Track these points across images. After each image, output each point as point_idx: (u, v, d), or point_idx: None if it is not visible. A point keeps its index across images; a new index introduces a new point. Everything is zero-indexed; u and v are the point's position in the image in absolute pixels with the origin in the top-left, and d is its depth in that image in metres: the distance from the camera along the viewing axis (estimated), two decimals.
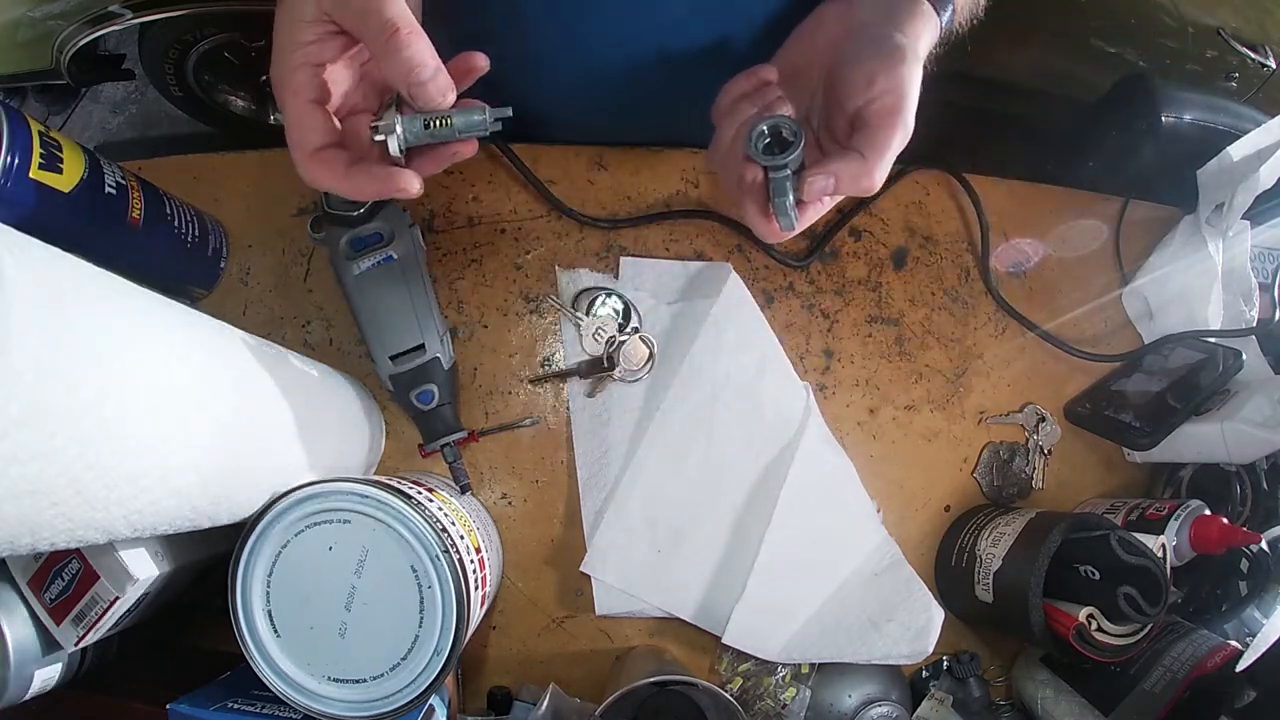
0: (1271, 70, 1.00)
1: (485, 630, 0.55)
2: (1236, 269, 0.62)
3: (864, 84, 0.40)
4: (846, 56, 0.42)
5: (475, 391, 0.56)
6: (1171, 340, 0.62)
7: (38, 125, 0.37)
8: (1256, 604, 0.56)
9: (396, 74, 0.34)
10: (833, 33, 0.44)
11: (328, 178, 0.37)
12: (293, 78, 0.36)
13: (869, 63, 0.40)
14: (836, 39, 0.43)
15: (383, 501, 0.38)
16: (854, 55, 0.41)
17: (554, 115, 0.58)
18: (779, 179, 0.39)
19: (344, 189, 0.37)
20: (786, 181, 0.39)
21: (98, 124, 1.54)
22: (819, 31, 0.44)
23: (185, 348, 0.31)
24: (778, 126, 0.39)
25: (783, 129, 0.39)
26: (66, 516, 0.25)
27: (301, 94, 0.36)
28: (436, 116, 0.36)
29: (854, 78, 0.41)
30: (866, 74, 0.40)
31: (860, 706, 0.54)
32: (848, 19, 0.43)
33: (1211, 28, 0.98)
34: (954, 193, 0.64)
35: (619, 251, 0.58)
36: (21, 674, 0.37)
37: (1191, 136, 0.74)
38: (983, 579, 0.54)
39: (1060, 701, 0.54)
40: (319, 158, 0.37)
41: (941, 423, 0.61)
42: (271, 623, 0.37)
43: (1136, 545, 0.48)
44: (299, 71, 0.36)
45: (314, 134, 0.36)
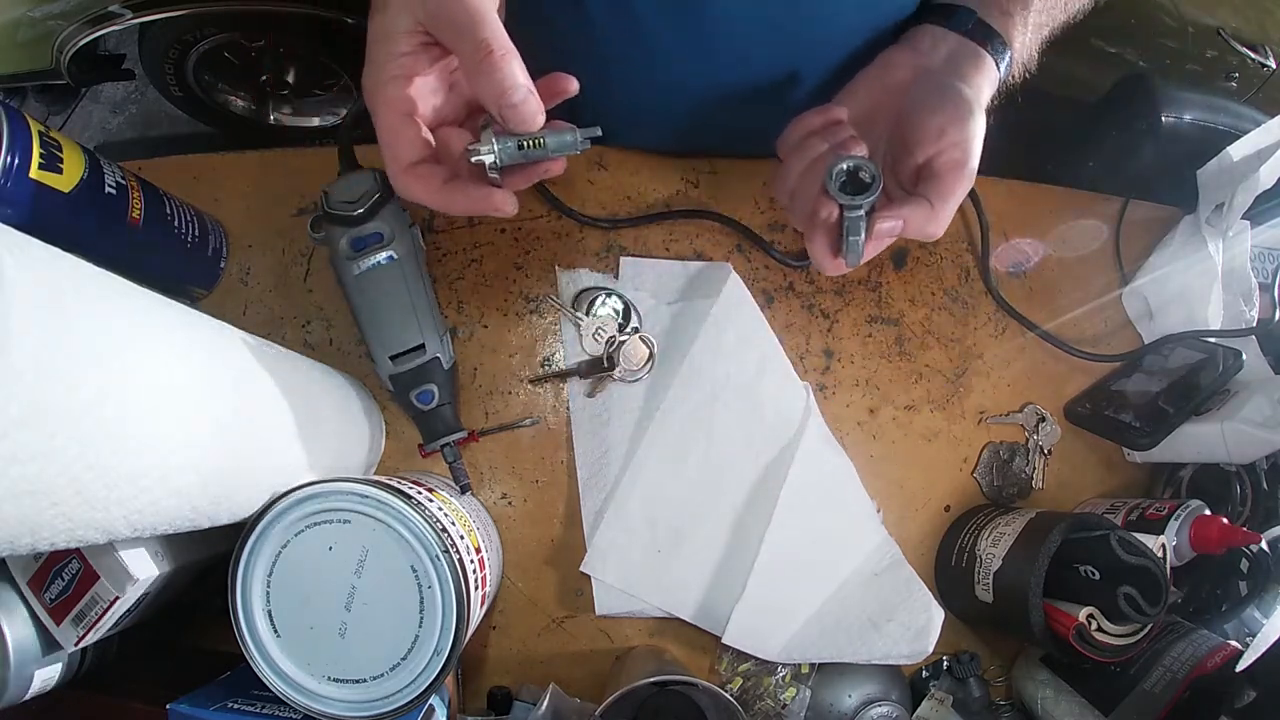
0: (1271, 70, 1.00)
1: (485, 630, 0.55)
2: (1236, 269, 0.62)
3: (934, 135, 0.42)
4: (916, 105, 0.44)
5: (475, 391, 0.56)
6: (1171, 340, 0.62)
7: (38, 125, 0.37)
8: (1256, 604, 0.57)
9: (489, 94, 0.34)
10: (901, 79, 0.46)
11: (424, 193, 0.37)
12: (386, 90, 0.36)
13: (939, 114, 0.43)
14: (905, 85, 0.46)
15: (383, 501, 0.38)
16: (924, 105, 0.44)
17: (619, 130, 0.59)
18: (854, 218, 0.41)
19: (439, 206, 0.38)
20: (861, 221, 0.41)
21: (98, 124, 1.54)
22: (887, 76, 0.46)
23: (185, 348, 0.31)
24: (858, 168, 0.41)
25: (861, 171, 0.41)
26: (66, 516, 0.25)
27: (396, 107, 0.36)
28: (530, 138, 0.37)
29: (924, 127, 0.43)
30: (937, 125, 0.42)
31: (860, 706, 0.54)
32: (916, 66, 0.46)
33: (1211, 28, 0.98)
34: None
35: (619, 251, 0.58)
36: (21, 674, 0.37)
37: (1191, 136, 0.74)
38: (983, 579, 0.54)
39: (1060, 701, 0.54)
40: (414, 172, 0.37)
41: (941, 423, 0.61)
42: (271, 623, 0.37)
43: (1136, 545, 0.48)
44: (393, 84, 0.36)
45: (409, 149, 0.37)
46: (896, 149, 0.45)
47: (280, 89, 1.27)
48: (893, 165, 0.46)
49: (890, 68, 0.47)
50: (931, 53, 0.46)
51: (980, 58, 0.45)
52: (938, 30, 0.46)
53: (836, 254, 0.43)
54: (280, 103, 1.33)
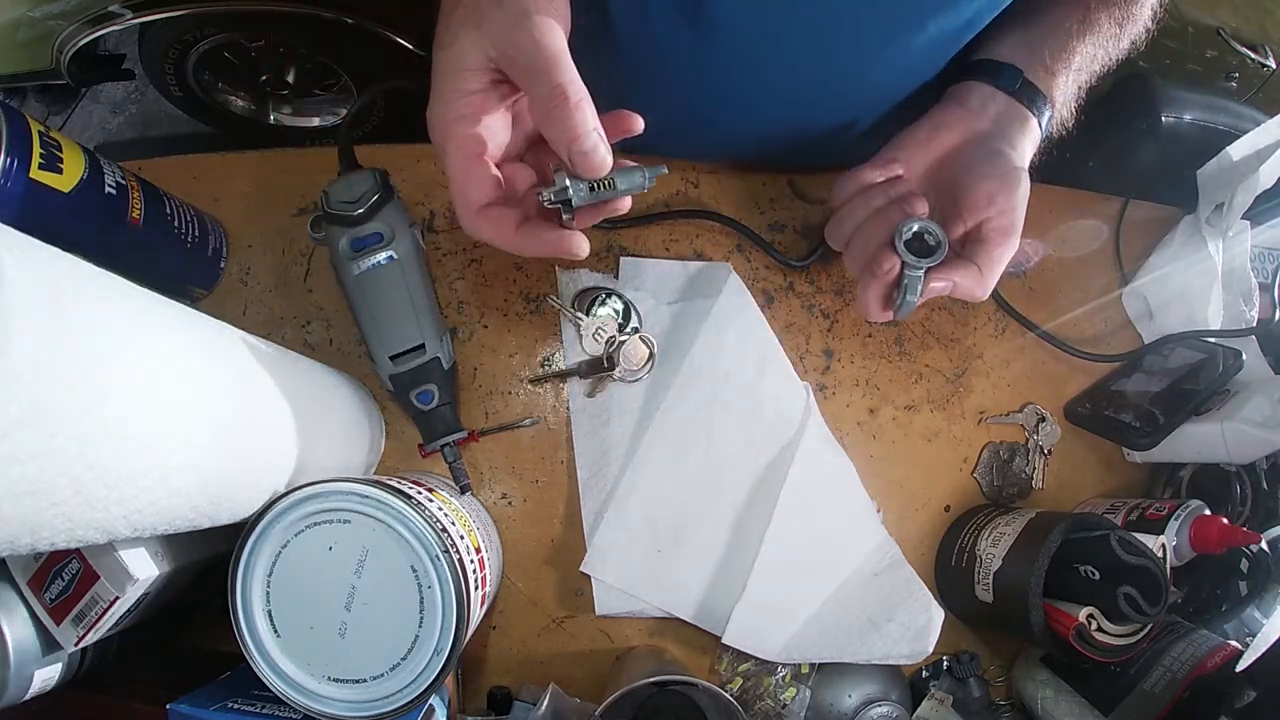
0: (1271, 70, 1.00)
1: (485, 630, 0.55)
2: (1236, 269, 0.62)
3: (985, 202, 0.44)
4: (968, 170, 0.46)
5: (475, 391, 0.56)
6: (1171, 340, 0.62)
7: (38, 125, 0.37)
8: (1256, 604, 0.57)
9: (560, 139, 0.34)
10: (952, 141, 0.48)
11: (496, 236, 0.37)
12: (457, 130, 0.36)
13: (989, 181, 0.44)
14: (955, 147, 0.48)
15: (383, 501, 0.38)
16: (976, 171, 0.45)
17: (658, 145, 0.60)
18: (914, 278, 0.43)
19: (512, 249, 0.38)
20: (919, 282, 0.43)
21: (98, 124, 1.54)
22: (938, 136, 0.48)
23: (185, 348, 0.31)
24: (925, 230, 0.44)
25: (928, 234, 0.44)
26: (66, 516, 0.25)
27: (466, 148, 0.36)
28: (601, 180, 0.37)
29: (975, 193, 0.45)
30: (987, 192, 0.44)
31: (860, 706, 0.54)
32: (966, 127, 0.47)
33: (1211, 28, 0.98)
34: None
35: (619, 251, 0.58)
36: (21, 674, 0.37)
37: (1191, 136, 0.74)
38: (983, 579, 0.54)
39: (1060, 701, 0.54)
40: (486, 214, 0.37)
41: (941, 423, 0.61)
42: (271, 623, 0.37)
43: (1136, 545, 0.48)
44: (463, 123, 0.35)
45: (481, 190, 0.36)
46: (945, 208, 0.47)
47: (280, 89, 1.27)
48: (939, 222, 0.47)
49: (941, 128, 0.48)
50: (980, 113, 0.47)
51: (1026, 120, 0.47)
52: (986, 89, 0.48)
53: (887, 306, 0.45)
54: (280, 103, 1.33)
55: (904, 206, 0.46)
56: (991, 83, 0.48)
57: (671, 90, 0.52)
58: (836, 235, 0.48)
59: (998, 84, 0.47)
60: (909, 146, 0.49)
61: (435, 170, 0.57)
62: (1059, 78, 0.48)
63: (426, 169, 0.57)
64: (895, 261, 0.44)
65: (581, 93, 0.33)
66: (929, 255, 0.43)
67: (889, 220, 0.45)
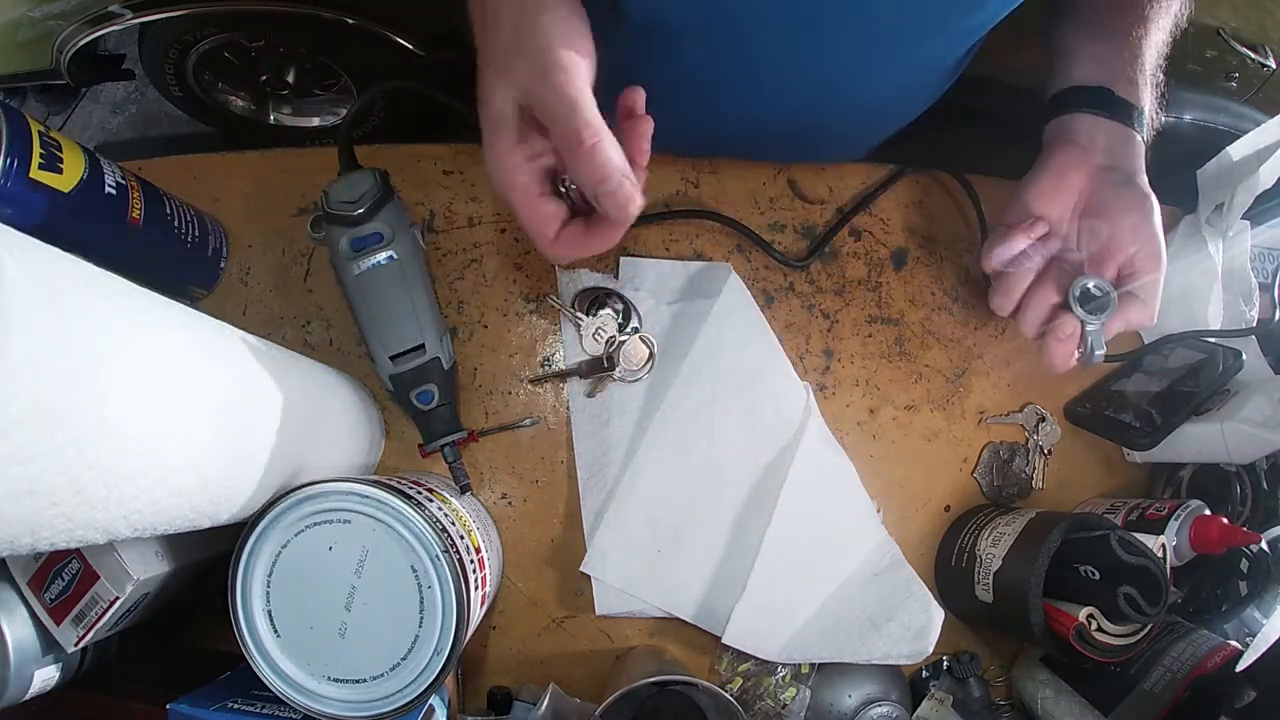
0: (1271, 70, 1.00)
1: (485, 630, 0.55)
2: (1236, 269, 0.62)
3: (1130, 236, 0.48)
4: (1106, 208, 0.49)
5: (475, 391, 0.56)
6: (1171, 340, 0.62)
7: (38, 125, 0.37)
8: (1256, 604, 0.56)
9: (584, 179, 0.36)
10: (1079, 182, 0.50)
11: (574, 252, 0.40)
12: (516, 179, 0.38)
13: (1129, 215, 0.48)
14: (1085, 190, 0.50)
15: (383, 501, 0.38)
16: (1112, 207, 0.48)
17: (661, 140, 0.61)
18: (1094, 332, 0.48)
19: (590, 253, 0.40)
20: (1101, 333, 0.48)
21: (98, 124, 1.54)
22: (1065, 182, 0.50)
23: (185, 348, 0.31)
24: (1094, 286, 0.48)
25: (1095, 288, 0.48)
26: (66, 516, 0.25)
27: (529, 192, 0.39)
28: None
29: (1120, 230, 0.48)
30: (1131, 226, 0.48)
31: (860, 706, 0.54)
32: (1088, 166, 0.49)
33: (1211, 28, 0.98)
34: (954, 193, 0.63)
35: (619, 251, 0.58)
36: (21, 674, 0.37)
37: (1191, 136, 0.74)
38: (983, 579, 0.54)
39: (1060, 701, 0.54)
40: (560, 239, 0.40)
41: (941, 423, 0.61)
42: (271, 623, 0.37)
43: (1136, 545, 0.48)
44: (520, 171, 0.38)
45: (551, 225, 0.39)
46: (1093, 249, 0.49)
47: (280, 89, 1.27)
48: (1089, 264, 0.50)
49: (1066, 173, 0.50)
50: (1092, 146, 0.49)
51: (1132, 138, 0.49)
52: (1088, 119, 0.50)
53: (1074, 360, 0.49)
54: (280, 103, 1.33)
55: (1062, 264, 0.49)
56: (1091, 111, 0.50)
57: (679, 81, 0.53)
58: (1004, 304, 0.51)
59: (1097, 112, 0.49)
60: (1043, 199, 0.50)
61: (435, 170, 0.57)
62: (1140, 85, 0.50)
63: (426, 169, 0.57)
64: (1075, 323, 0.47)
65: (601, 132, 0.35)
66: (1102, 309, 0.48)
67: (1056, 283, 0.49)
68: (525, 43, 0.36)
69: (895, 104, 0.58)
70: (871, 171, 0.63)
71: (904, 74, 0.53)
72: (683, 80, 0.52)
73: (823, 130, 0.58)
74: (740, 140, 0.59)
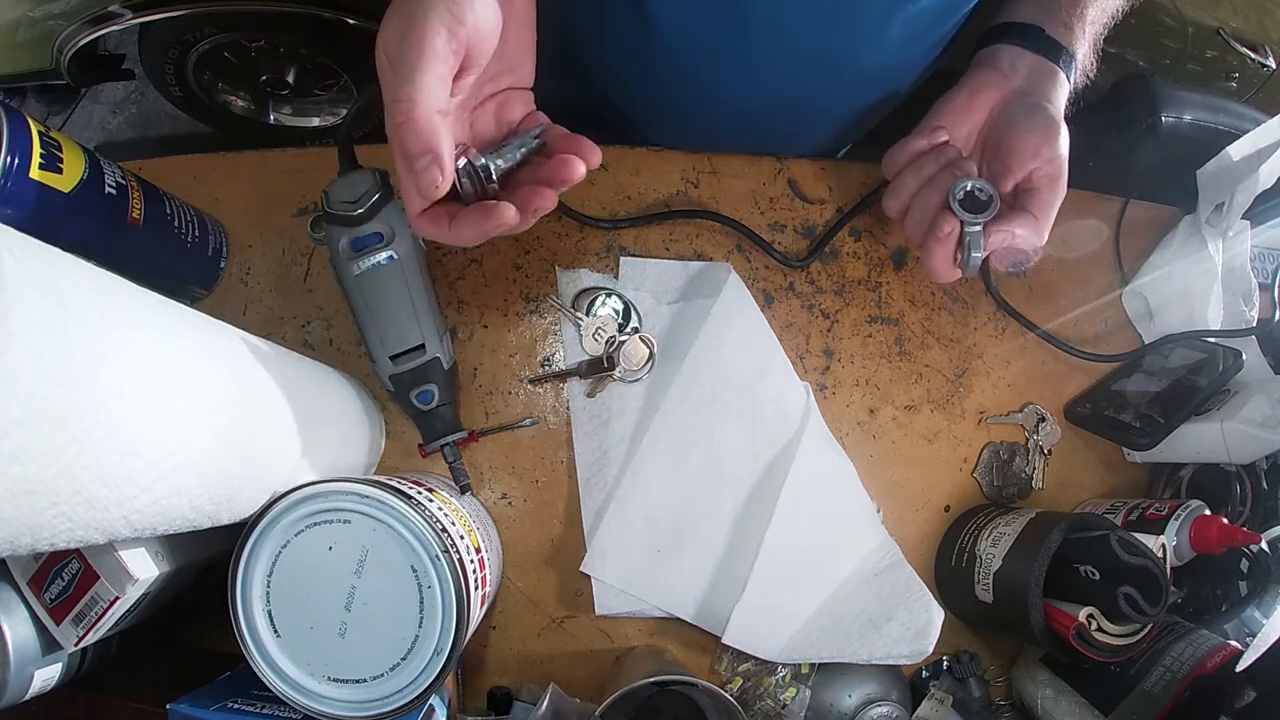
0: (1271, 70, 1.00)
1: (485, 630, 0.55)
2: (1236, 269, 0.62)
3: (1030, 153, 0.47)
4: (1011, 126, 0.49)
5: (475, 391, 0.56)
6: (1171, 340, 0.62)
7: (38, 125, 0.37)
8: (1256, 604, 0.56)
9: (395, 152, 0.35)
10: (990, 101, 0.51)
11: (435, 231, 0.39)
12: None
13: (1034, 134, 0.47)
14: (994, 106, 0.51)
15: (383, 501, 0.38)
16: (1018, 125, 0.48)
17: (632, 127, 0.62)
18: (974, 234, 0.46)
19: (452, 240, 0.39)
20: (980, 237, 0.46)
21: (98, 124, 1.54)
22: (977, 99, 0.51)
23: (185, 348, 0.31)
24: (976, 188, 0.47)
25: (979, 190, 0.47)
26: (66, 516, 0.25)
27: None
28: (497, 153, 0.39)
29: (1021, 147, 0.47)
30: (1033, 144, 0.47)
31: (860, 706, 0.54)
32: (1002, 87, 0.50)
33: (1211, 28, 0.98)
34: None
35: (619, 251, 0.58)
36: (21, 674, 0.37)
37: (1191, 136, 0.74)
38: (983, 579, 0.54)
39: (1060, 701, 0.54)
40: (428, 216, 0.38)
41: (941, 423, 0.61)
42: (271, 623, 0.37)
43: (1136, 545, 0.48)
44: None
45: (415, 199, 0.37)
46: (993, 165, 0.50)
47: (280, 89, 1.27)
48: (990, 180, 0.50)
49: (979, 91, 0.51)
50: (1012, 73, 0.50)
51: (1055, 74, 0.50)
52: (1014, 50, 0.51)
53: (954, 266, 0.48)
54: (280, 103, 1.33)
55: (953, 170, 0.48)
56: (1018, 44, 0.50)
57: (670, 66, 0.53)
58: (893, 205, 0.51)
59: (1024, 44, 0.50)
60: (951, 113, 0.51)
61: None
62: (1076, 31, 0.51)
63: None
64: (954, 222, 0.46)
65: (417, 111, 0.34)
66: (983, 210, 0.46)
67: (942, 185, 0.48)
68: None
69: (886, 75, 0.59)
70: (871, 171, 0.63)
71: (892, 49, 0.54)
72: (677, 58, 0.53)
73: (816, 108, 0.58)
74: (735, 120, 0.60)
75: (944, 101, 0.52)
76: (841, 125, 0.66)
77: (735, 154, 0.61)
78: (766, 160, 0.61)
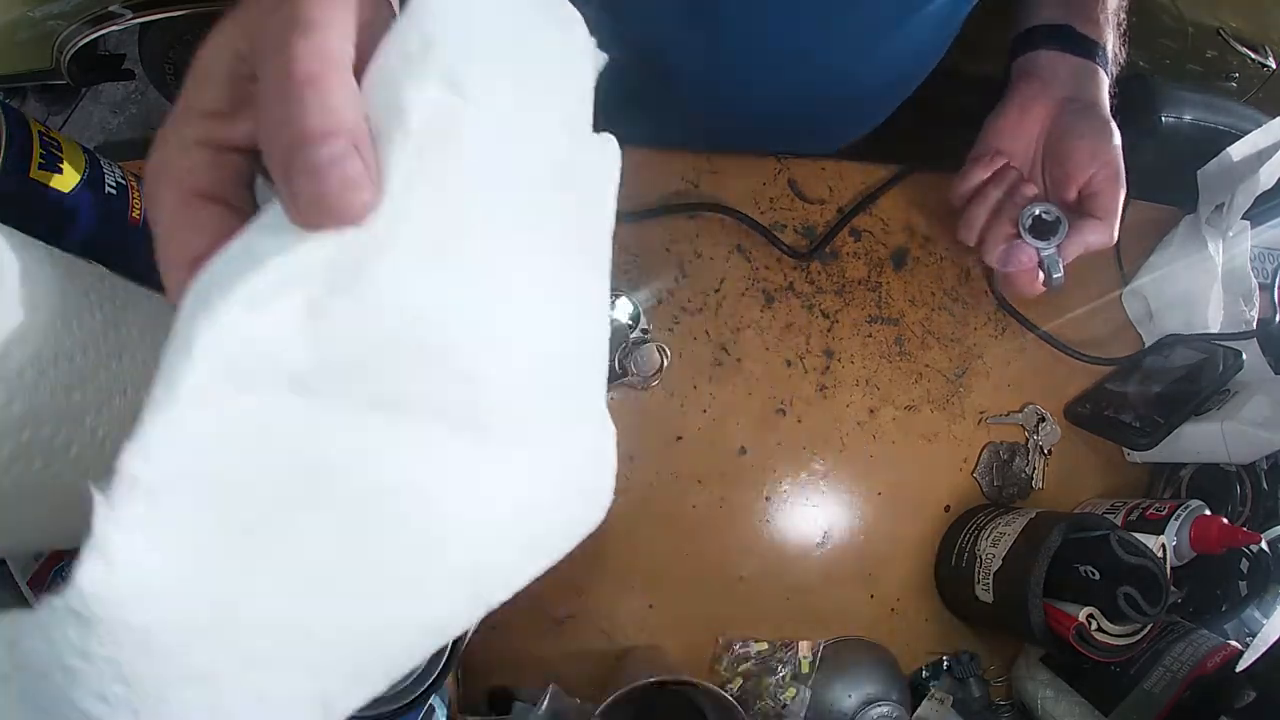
0: (1271, 70, 1.00)
1: (485, 630, 0.55)
2: (1236, 269, 0.62)
3: (1088, 158, 0.49)
4: (1066, 134, 0.50)
5: None
6: (1172, 341, 0.62)
7: (38, 125, 0.37)
8: (1256, 604, 0.57)
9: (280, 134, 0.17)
10: (1042, 114, 0.52)
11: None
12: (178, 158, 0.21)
13: (1087, 139, 0.49)
14: (1045, 118, 0.52)
15: None
16: (1072, 133, 0.50)
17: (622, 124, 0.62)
18: (1051, 256, 0.49)
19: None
20: (1057, 257, 0.49)
21: (98, 124, 1.53)
22: (1028, 115, 0.52)
23: None
24: (1041, 212, 0.50)
25: (1046, 214, 0.50)
26: None
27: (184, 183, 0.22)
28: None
29: (1078, 154, 0.49)
30: (1089, 149, 0.49)
31: (860, 706, 0.54)
32: (1050, 98, 0.51)
33: (1211, 28, 0.98)
34: None
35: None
36: None
37: (1191, 136, 0.74)
38: (983, 579, 0.54)
39: (1060, 701, 0.54)
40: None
41: (941, 423, 0.61)
42: None
43: (1136, 545, 0.48)
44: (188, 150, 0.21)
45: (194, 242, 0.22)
46: (1054, 175, 0.52)
47: None
48: (1053, 190, 0.52)
49: (1028, 107, 0.52)
50: (1055, 80, 0.51)
51: (1095, 72, 0.51)
52: (1051, 55, 0.52)
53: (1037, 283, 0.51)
54: None
55: (1016, 196, 0.51)
56: (1055, 48, 0.51)
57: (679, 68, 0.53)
58: (969, 236, 0.53)
59: (1060, 48, 0.51)
60: (1005, 133, 0.53)
61: None
62: (1101, 22, 0.52)
63: None
64: (1031, 252, 0.49)
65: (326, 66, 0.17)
66: (1054, 233, 0.49)
67: (1010, 214, 0.50)
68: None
69: (893, 84, 0.60)
70: (871, 171, 0.63)
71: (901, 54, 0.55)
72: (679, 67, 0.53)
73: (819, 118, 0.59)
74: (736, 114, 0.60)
75: (995, 120, 0.53)
76: (843, 125, 0.66)
77: (735, 153, 0.61)
78: (766, 160, 0.61)
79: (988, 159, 0.52)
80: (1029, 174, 0.53)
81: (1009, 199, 0.51)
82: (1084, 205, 0.50)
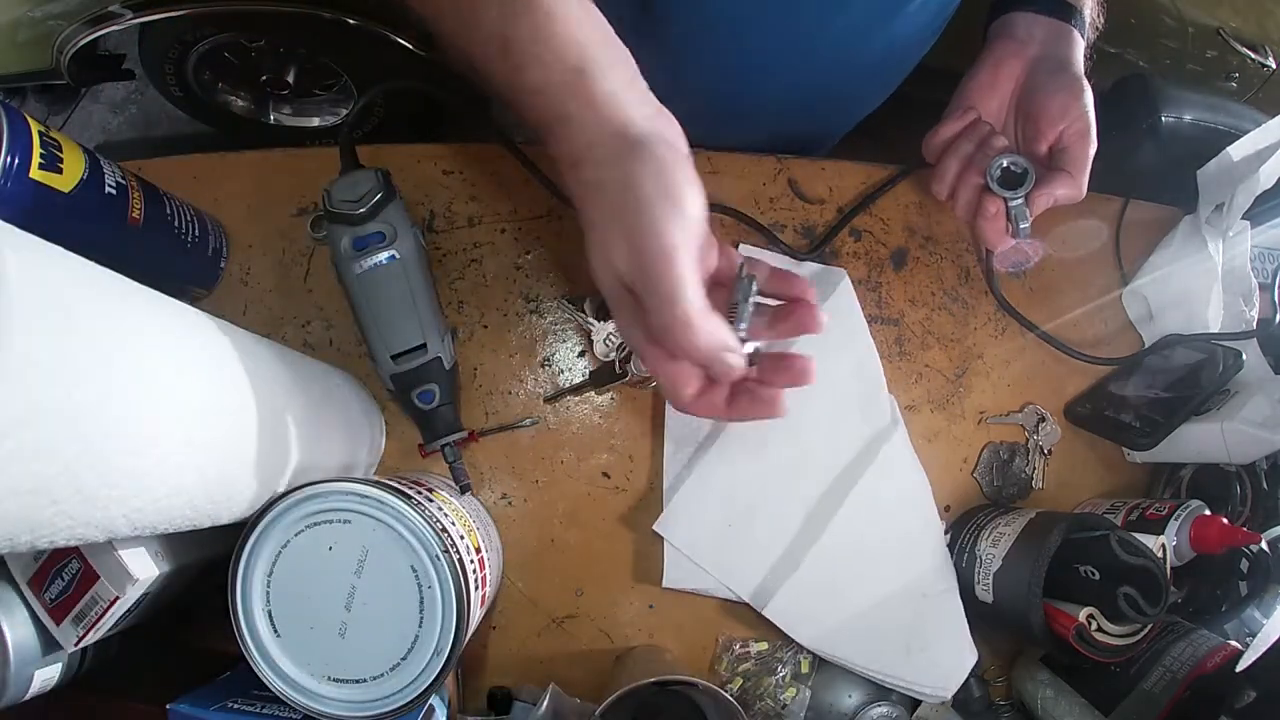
0: (1271, 70, 1.00)
1: (485, 630, 0.55)
2: (1236, 269, 0.62)
3: (1059, 113, 0.50)
4: (1036, 90, 0.51)
5: (475, 391, 0.56)
6: (1172, 341, 0.62)
7: (38, 125, 0.37)
8: (1256, 604, 0.57)
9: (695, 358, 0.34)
10: (1014, 72, 0.53)
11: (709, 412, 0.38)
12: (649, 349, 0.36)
13: (1059, 95, 0.50)
14: (1017, 75, 0.53)
15: (383, 501, 0.38)
16: (1043, 89, 0.51)
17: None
18: (1018, 207, 0.50)
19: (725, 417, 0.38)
20: (1024, 208, 0.50)
21: (98, 124, 1.53)
22: (1000, 71, 0.53)
23: (186, 347, 0.31)
24: (1011, 163, 0.50)
25: (1014, 165, 0.50)
26: (67, 515, 0.25)
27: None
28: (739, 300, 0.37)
29: (1049, 109, 0.50)
30: (1060, 104, 0.50)
31: (860, 706, 0.54)
32: (1021, 55, 0.52)
33: (1211, 28, 0.98)
34: None
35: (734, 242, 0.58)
36: (21, 674, 0.37)
37: (1191, 136, 0.74)
38: (983, 579, 0.54)
39: (1060, 701, 0.54)
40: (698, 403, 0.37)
41: (941, 423, 0.61)
42: (271, 623, 0.37)
43: (1136, 545, 0.48)
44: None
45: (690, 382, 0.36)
46: (1025, 130, 0.52)
47: (280, 89, 1.27)
48: (1024, 145, 0.53)
49: (1001, 64, 0.53)
50: (1029, 40, 0.52)
51: (1069, 32, 0.52)
52: (1026, 16, 0.53)
53: (1005, 234, 0.52)
54: (280, 103, 1.33)
55: (987, 147, 0.51)
56: (1030, 9, 0.53)
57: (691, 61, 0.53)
58: (940, 189, 0.54)
59: (1035, 9, 0.53)
60: (977, 90, 0.54)
61: (435, 170, 0.57)
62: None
63: (426, 169, 0.57)
64: (997, 202, 0.50)
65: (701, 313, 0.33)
66: (1021, 184, 0.50)
67: (980, 166, 0.51)
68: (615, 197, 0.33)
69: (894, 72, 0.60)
70: (871, 171, 0.63)
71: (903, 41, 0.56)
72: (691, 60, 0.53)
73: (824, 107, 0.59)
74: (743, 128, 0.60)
75: (969, 80, 0.54)
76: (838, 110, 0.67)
77: (735, 153, 0.61)
78: (766, 160, 0.61)
79: (960, 114, 0.53)
80: (1002, 130, 0.54)
81: (979, 151, 0.51)
82: (1055, 160, 0.51)
